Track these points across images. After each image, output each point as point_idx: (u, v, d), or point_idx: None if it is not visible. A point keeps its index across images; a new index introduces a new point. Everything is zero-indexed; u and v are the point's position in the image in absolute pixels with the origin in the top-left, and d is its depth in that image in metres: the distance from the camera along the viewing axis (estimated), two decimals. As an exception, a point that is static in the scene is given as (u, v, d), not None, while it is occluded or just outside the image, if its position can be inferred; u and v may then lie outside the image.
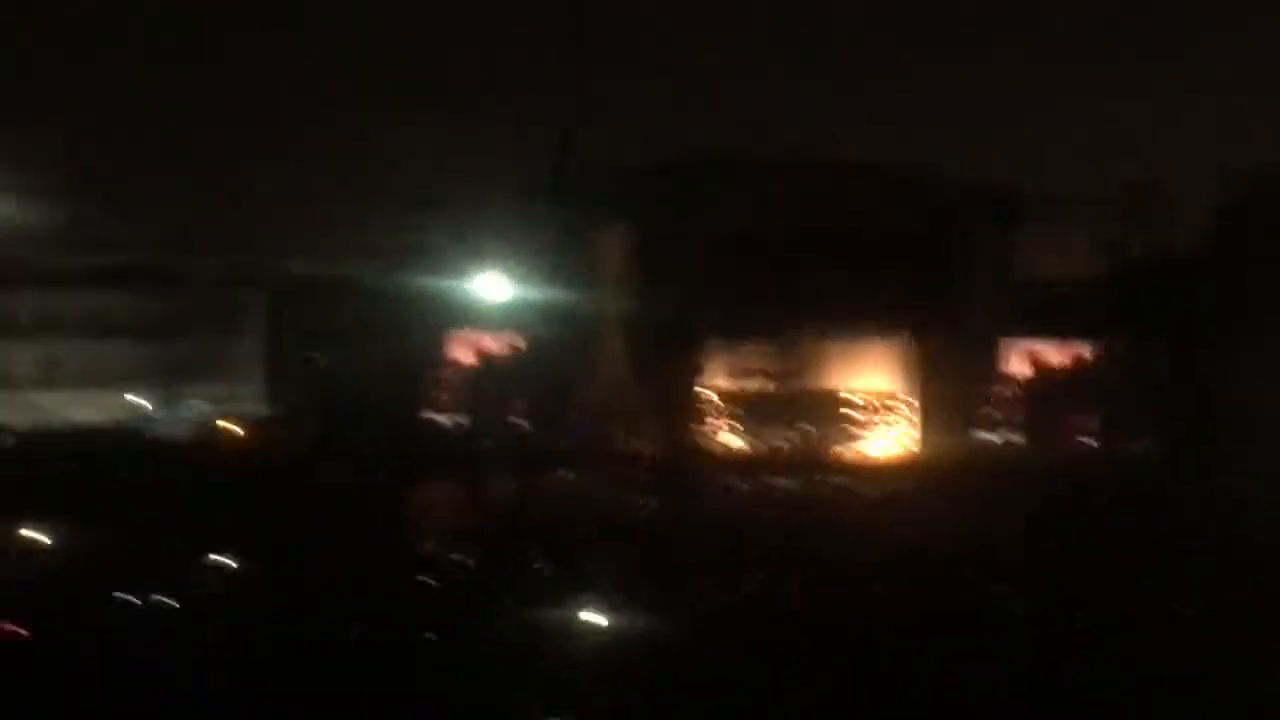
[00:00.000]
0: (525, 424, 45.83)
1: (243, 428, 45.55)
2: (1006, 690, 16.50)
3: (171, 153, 53.25)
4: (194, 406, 49.62)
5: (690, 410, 44.75)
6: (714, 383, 46.67)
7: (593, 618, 20.17)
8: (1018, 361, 46.75)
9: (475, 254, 44.82)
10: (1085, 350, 46.30)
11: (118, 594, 21.15)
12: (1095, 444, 45.04)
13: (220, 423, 46.11)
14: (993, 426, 46.36)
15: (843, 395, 46.68)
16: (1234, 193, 44.52)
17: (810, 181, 45.05)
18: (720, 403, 46.39)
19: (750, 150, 46.17)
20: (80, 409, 48.44)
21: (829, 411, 46.49)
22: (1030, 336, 46.71)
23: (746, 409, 46.44)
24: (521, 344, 46.21)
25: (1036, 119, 54.06)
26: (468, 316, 46.08)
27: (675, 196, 44.89)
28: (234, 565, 24.07)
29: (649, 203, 45.18)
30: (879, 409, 46.56)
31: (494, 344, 47.25)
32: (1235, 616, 19.91)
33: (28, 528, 26.87)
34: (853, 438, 46.27)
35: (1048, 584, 22.81)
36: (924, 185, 45.58)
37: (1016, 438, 46.04)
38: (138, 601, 21.02)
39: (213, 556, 24.10)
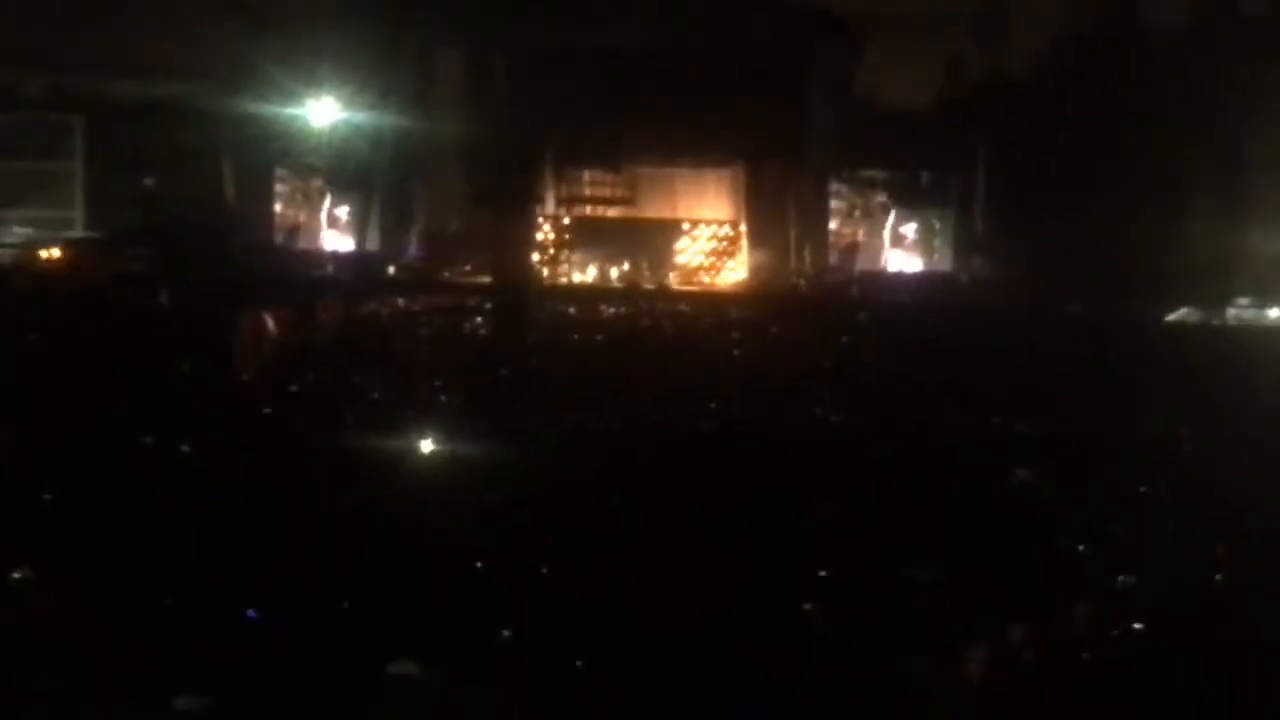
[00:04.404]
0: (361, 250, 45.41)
1: (70, 252, 44.54)
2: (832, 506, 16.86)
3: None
4: (18, 231, 48.42)
5: (527, 237, 44.42)
6: (551, 209, 46.40)
7: (425, 444, 20.15)
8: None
9: (307, 75, 43.81)
10: (923, 178, 46.39)
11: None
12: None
13: (44, 249, 45.06)
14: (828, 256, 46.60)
15: (681, 223, 46.72)
16: (1082, 16, 44.26)
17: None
18: (556, 230, 46.15)
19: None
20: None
21: (666, 240, 46.54)
22: (870, 166, 46.73)
23: (583, 236, 46.25)
24: (353, 168, 45.49)
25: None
26: (299, 139, 45.18)
27: (513, 14, 44.04)
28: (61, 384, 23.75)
29: (486, 21, 44.31)
30: (717, 238, 46.64)
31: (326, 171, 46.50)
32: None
33: None
34: (689, 266, 46.38)
35: (868, 405, 23.37)
36: (763, 6, 45.03)
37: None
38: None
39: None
